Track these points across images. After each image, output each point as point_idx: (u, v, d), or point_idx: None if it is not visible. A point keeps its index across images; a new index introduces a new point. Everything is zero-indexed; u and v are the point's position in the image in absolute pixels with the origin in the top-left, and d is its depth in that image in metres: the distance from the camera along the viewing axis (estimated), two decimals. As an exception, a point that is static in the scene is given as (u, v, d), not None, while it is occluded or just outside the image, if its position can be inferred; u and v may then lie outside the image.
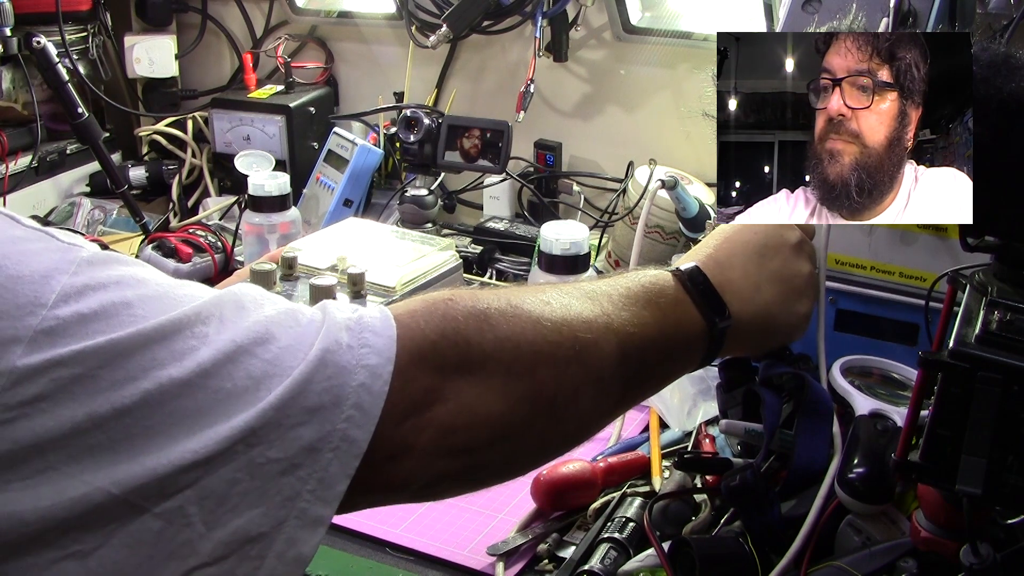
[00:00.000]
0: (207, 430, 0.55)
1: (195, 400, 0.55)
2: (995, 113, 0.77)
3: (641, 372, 0.76)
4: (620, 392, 0.75)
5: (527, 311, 0.69)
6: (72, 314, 0.53)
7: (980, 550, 0.75)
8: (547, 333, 0.69)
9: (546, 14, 1.83)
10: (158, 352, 0.55)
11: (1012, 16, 1.29)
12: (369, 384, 0.59)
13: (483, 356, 0.65)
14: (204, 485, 0.54)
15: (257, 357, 0.57)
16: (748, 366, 1.12)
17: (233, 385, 0.56)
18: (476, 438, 0.65)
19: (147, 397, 0.53)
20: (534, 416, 0.68)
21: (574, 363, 0.70)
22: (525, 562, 1.03)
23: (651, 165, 1.64)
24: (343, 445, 0.58)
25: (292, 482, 0.57)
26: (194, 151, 2.14)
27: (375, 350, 0.61)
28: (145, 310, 0.55)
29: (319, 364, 0.58)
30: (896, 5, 1.15)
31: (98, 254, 0.57)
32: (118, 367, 0.53)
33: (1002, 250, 0.83)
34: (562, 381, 0.69)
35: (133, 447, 0.53)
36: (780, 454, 1.02)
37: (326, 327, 0.61)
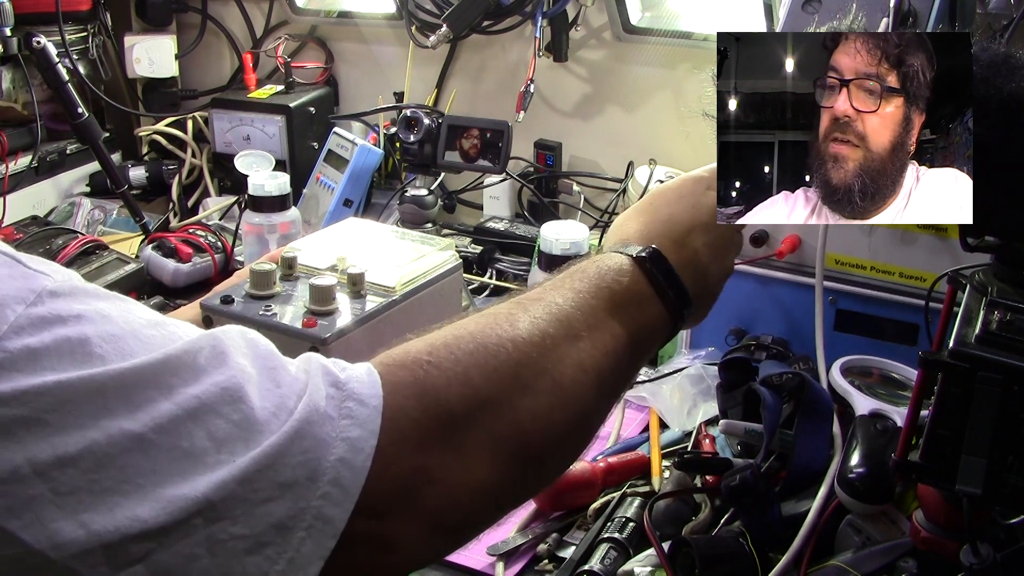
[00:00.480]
0: (160, 492, 0.50)
1: (148, 457, 0.50)
2: (995, 113, 0.77)
3: (616, 386, 0.74)
4: (600, 420, 0.73)
5: (504, 357, 0.64)
6: (21, 348, 0.49)
7: (980, 550, 0.75)
8: (529, 381, 0.64)
9: (546, 14, 1.83)
10: (111, 400, 0.50)
11: (1012, 16, 1.29)
12: (349, 459, 0.55)
13: (468, 425, 0.61)
14: (157, 560, 0.49)
15: (223, 418, 0.53)
16: (748, 366, 1.12)
17: (191, 445, 0.51)
18: (470, 514, 0.62)
19: (93, 448, 0.49)
20: (524, 474, 0.64)
21: (558, 411, 0.66)
22: (525, 562, 1.03)
23: (651, 165, 1.64)
24: (318, 524, 0.53)
25: (259, 561, 0.52)
26: (194, 151, 2.14)
27: (358, 421, 0.56)
28: (104, 350, 0.51)
29: (295, 436, 0.54)
30: (896, 5, 1.15)
31: (64, 285, 0.53)
32: (66, 412, 0.49)
33: (1002, 250, 0.83)
34: (549, 434, 0.65)
35: (78, 504, 0.48)
36: (780, 454, 1.03)
37: (308, 393, 0.56)
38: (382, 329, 1.10)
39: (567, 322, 0.69)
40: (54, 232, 1.71)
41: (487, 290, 1.71)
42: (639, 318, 0.74)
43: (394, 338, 0.93)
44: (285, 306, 1.09)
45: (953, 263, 0.91)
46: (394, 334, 0.92)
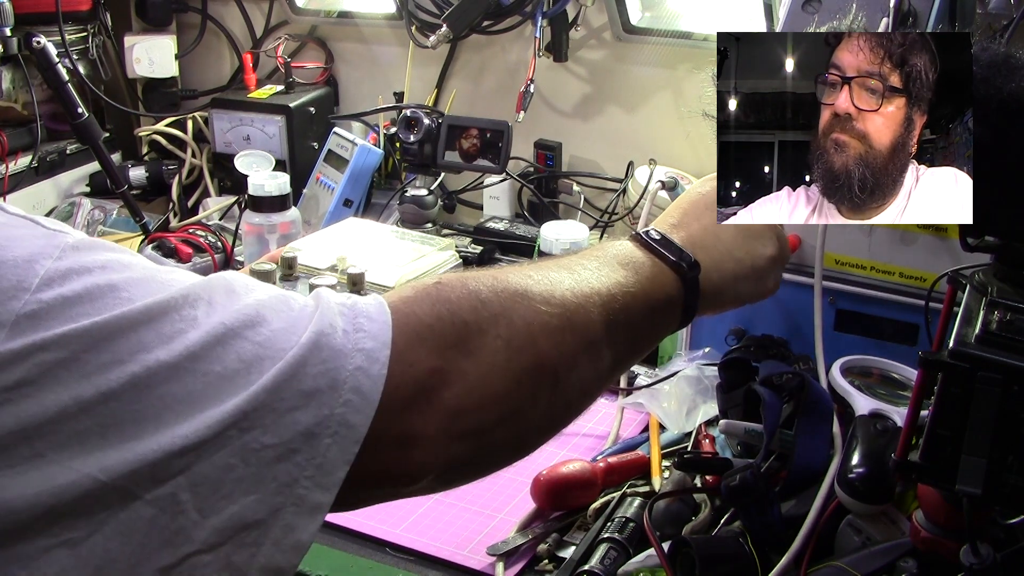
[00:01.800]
0: (198, 414, 0.53)
1: (184, 384, 0.54)
2: (995, 113, 0.77)
3: (628, 331, 0.76)
4: (612, 355, 0.74)
5: (514, 287, 0.69)
6: (56, 297, 0.52)
7: (980, 550, 0.75)
8: (538, 304, 0.69)
9: (546, 14, 1.83)
10: (145, 335, 0.54)
11: (1012, 16, 1.29)
12: (366, 368, 0.58)
13: (481, 334, 0.65)
14: (197, 471, 0.53)
15: (248, 340, 0.56)
16: (748, 366, 1.12)
17: (223, 368, 0.55)
18: (486, 419, 0.64)
19: (135, 381, 0.52)
20: (539, 389, 0.68)
21: (567, 331, 0.70)
22: (525, 562, 1.03)
23: (651, 165, 1.64)
24: (342, 430, 0.57)
25: (289, 468, 0.56)
26: (194, 151, 2.14)
27: (370, 334, 0.60)
28: (131, 293, 0.54)
29: (313, 347, 0.57)
30: (896, 5, 1.15)
31: (83, 240, 0.56)
32: (104, 350, 0.52)
33: (1002, 250, 0.83)
34: (561, 350, 0.69)
35: (122, 432, 0.52)
36: (780, 454, 1.03)
37: (320, 312, 0.60)
38: (382, 329, 1.10)
39: (569, 266, 0.75)
40: (54, 232, 1.71)
41: (487, 290, 1.70)
42: (643, 271, 0.79)
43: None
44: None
45: (953, 263, 0.91)
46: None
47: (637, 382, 1.30)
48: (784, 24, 1.27)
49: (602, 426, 1.26)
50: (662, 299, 0.79)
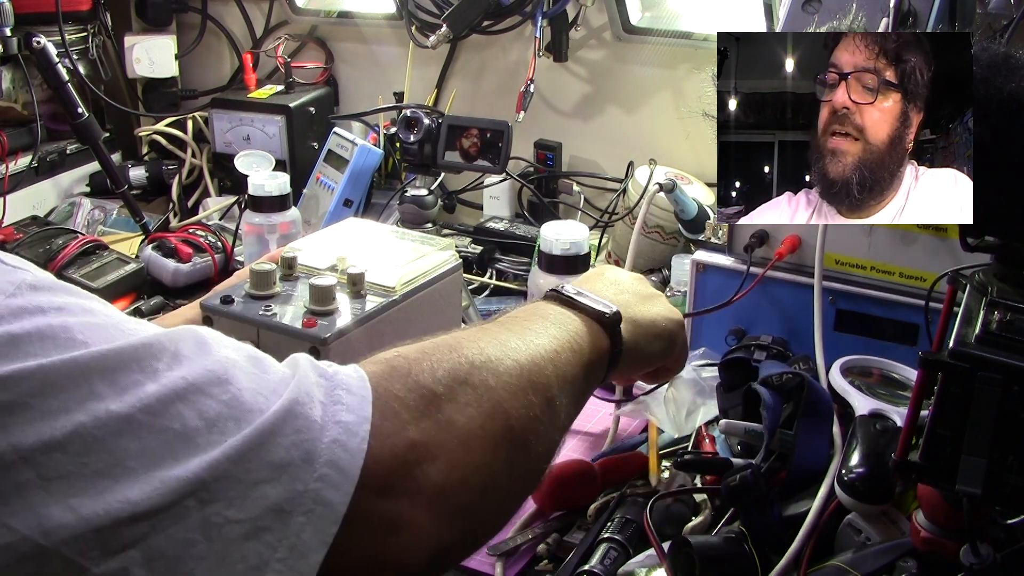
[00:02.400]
0: (151, 474, 0.49)
1: (137, 439, 0.49)
2: (995, 113, 0.77)
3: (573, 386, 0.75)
4: (564, 412, 0.73)
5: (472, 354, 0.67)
6: (2, 335, 0.48)
7: (980, 550, 0.75)
8: (498, 368, 0.67)
9: (546, 14, 1.83)
10: (97, 384, 0.49)
11: (1012, 16, 1.29)
12: (344, 441, 0.54)
13: (452, 402, 0.62)
14: (152, 544, 0.48)
15: (212, 398, 0.52)
16: (748, 366, 1.12)
17: (182, 426, 0.50)
18: (471, 495, 0.61)
19: (81, 431, 0.48)
20: (513, 455, 0.65)
21: (529, 391, 0.68)
22: (525, 562, 1.03)
23: (651, 165, 1.64)
24: (317, 508, 0.52)
25: (258, 548, 0.50)
26: (194, 151, 2.14)
27: (349, 407, 0.56)
28: (87, 337, 0.50)
29: (287, 415, 0.53)
30: (896, 5, 1.15)
31: (45, 279, 0.53)
32: (50, 395, 0.48)
33: (1002, 250, 0.83)
34: (527, 411, 0.67)
35: (67, 488, 0.47)
36: (780, 454, 1.03)
37: (296, 380, 0.56)
38: (382, 329, 1.10)
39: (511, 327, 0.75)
40: (54, 232, 1.71)
41: (487, 290, 1.71)
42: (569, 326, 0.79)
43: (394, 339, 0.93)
44: (285, 306, 1.09)
45: (953, 263, 0.91)
46: (394, 334, 0.92)
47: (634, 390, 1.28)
48: (784, 24, 1.27)
49: (602, 426, 1.26)
50: (595, 351, 0.80)
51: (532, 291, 1.42)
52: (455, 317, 1.36)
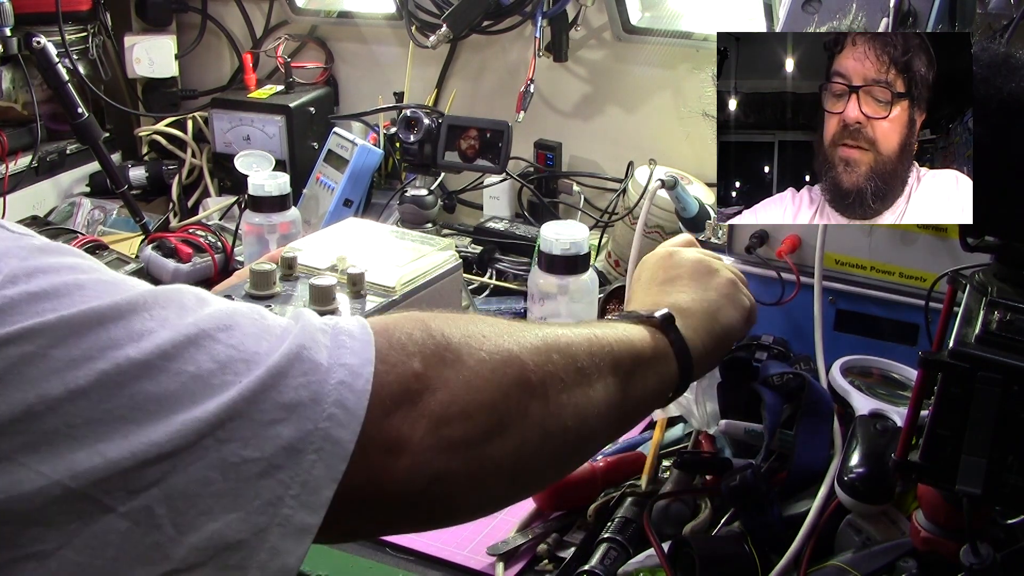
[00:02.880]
0: (172, 417, 0.51)
1: (156, 383, 0.51)
2: (995, 113, 0.77)
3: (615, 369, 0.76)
4: (603, 388, 0.74)
5: (491, 321, 0.70)
6: (20, 293, 0.50)
7: (980, 550, 0.75)
8: (517, 330, 0.69)
9: (546, 14, 1.83)
10: (114, 331, 0.52)
11: (1012, 16, 1.29)
12: (350, 382, 0.57)
13: (464, 347, 0.64)
14: (172, 483, 0.51)
15: (221, 342, 0.54)
16: (750, 366, 1.12)
17: (197, 368, 0.53)
18: (472, 429, 0.62)
19: (104, 378, 0.50)
20: (528, 401, 0.66)
21: (552, 351, 0.70)
22: (525, 562, 1.03)
23: (651, 165, 1.64)
24: (327, 446, 0.55)
25: (272, 485, 0.53)
26: (194, 151, 2.14)
27: (352, 351, 0.59)
28: (98, 291, 0.53)
29: (294, 358, 0.56)
30: (896, 5, 1.15)
31: (50, 244, 0.55)
32: (71, 346, 0.50)
33: (1002, 250, 0.83)
34: (547, 368, 0.68)
35: (92, 434, 0.49)
36: (780, 454, 1.03)
37: (301, 326, 0.58)
38: (382, 329, 1.10)
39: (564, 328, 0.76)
40: (54, 232, 1.71)
41: (487, 290, 1.71)
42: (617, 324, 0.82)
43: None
44: (285, 306, 1.09)
45: (953, 263, 0.91)
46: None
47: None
48: (784, 24, 1.27)
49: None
50: (646, 346, 0.81)
51: (532, 291, 1.42)
52: (455, 317, 1.36)
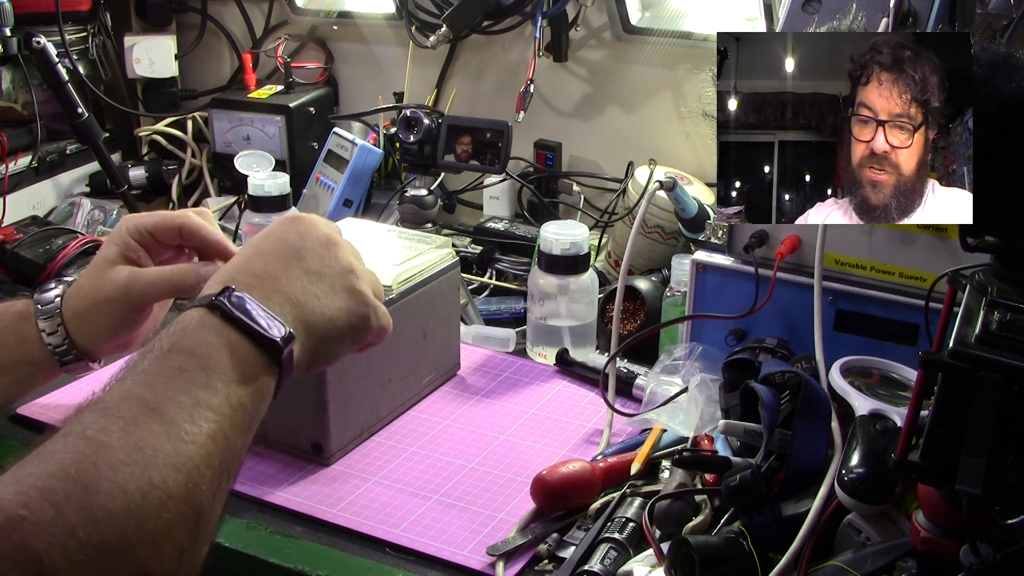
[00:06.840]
0: None
1: None
2: (995, 113, 0.77)
3: (234, 456, 0.69)
4: (220, 498, 0.68)
5: (107, 486, 0.59)
6: None
7: (980, 550, 0.75)
8: (133, 498, 0.60)
9: (546, 14, 1.83)
10: None
11: (1012, 16, 1.29)
12: None
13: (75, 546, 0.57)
14: None
15: None
16: (752, 366, 1.12)
17: None
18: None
19: None
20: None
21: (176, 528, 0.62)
22: (525, 562, 1.03)
23: (651, 165, 1.64)
24: None
25: None
26: (194, 151, 2.14)
27: None
28: None
29: None
30: (896, 5, 1.15)
31: None
32: None
33: (1002, 250, 0.83)
34: (169, 545, 0.61)
35: None
36: (780, 454, 1.03)
37: None
38: (382, 329, 1.10)
39: (157, 407, 0.66)
40: (54, 232, 1.71)
41: (487, 290, 1.71)
42: (230, 373, 0.71)
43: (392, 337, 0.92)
44: (285, 306, 1.09)
45: (953, 263, 0.91)
46: (392, 333, 0.92)
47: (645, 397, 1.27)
48: (784, 24, 1.27)
49: (601, 425, 1.26)
50: (259, 394, 0.73)
51: (532, 291, 1.42)
52: (452, 315, 1.36)
